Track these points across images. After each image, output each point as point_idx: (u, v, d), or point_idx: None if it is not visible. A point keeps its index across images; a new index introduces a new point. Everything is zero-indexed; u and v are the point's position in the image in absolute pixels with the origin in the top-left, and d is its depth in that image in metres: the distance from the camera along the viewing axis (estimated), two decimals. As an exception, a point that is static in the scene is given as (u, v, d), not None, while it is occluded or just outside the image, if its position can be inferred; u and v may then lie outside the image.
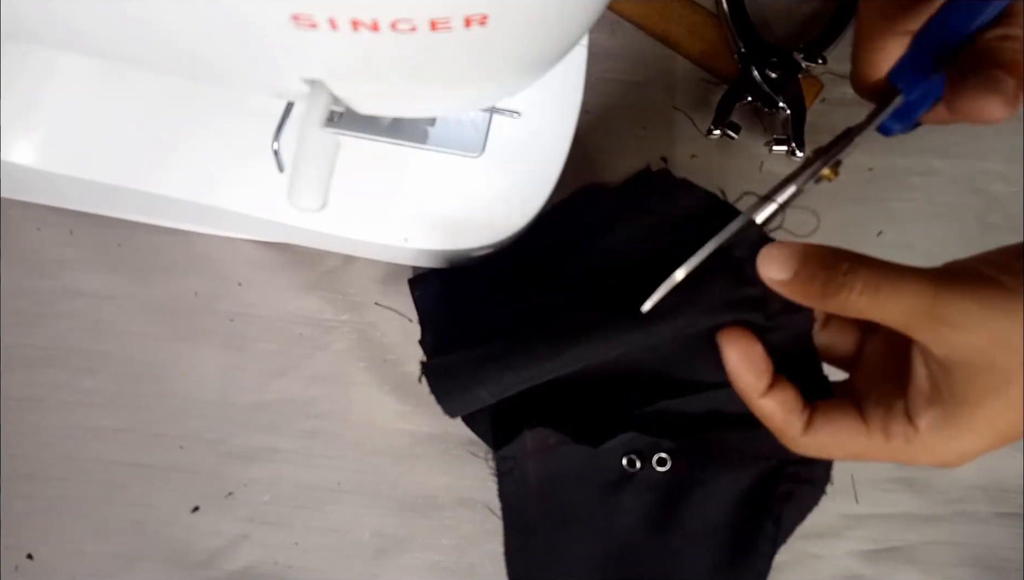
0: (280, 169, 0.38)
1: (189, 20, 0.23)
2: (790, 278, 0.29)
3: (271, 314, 0.47)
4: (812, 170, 0.32)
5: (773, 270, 0.29)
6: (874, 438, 0.29)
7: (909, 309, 0.27)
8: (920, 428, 0.28)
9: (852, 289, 0.27)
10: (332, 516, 0.45)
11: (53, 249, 0.47)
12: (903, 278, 0.27)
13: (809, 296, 0.29)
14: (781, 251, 0.29)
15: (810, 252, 0.29)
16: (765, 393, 0.31)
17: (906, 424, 0.29)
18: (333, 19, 0.21)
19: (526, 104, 0.41)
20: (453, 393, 0.37)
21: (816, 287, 0.28)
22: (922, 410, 0.28)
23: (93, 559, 0.44)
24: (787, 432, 0.31)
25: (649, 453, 0.41)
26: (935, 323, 0.26)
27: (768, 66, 0.48)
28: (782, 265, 0.29)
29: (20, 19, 0.25)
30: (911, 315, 0.27)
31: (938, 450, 0.28)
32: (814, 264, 0.28)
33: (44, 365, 0.46)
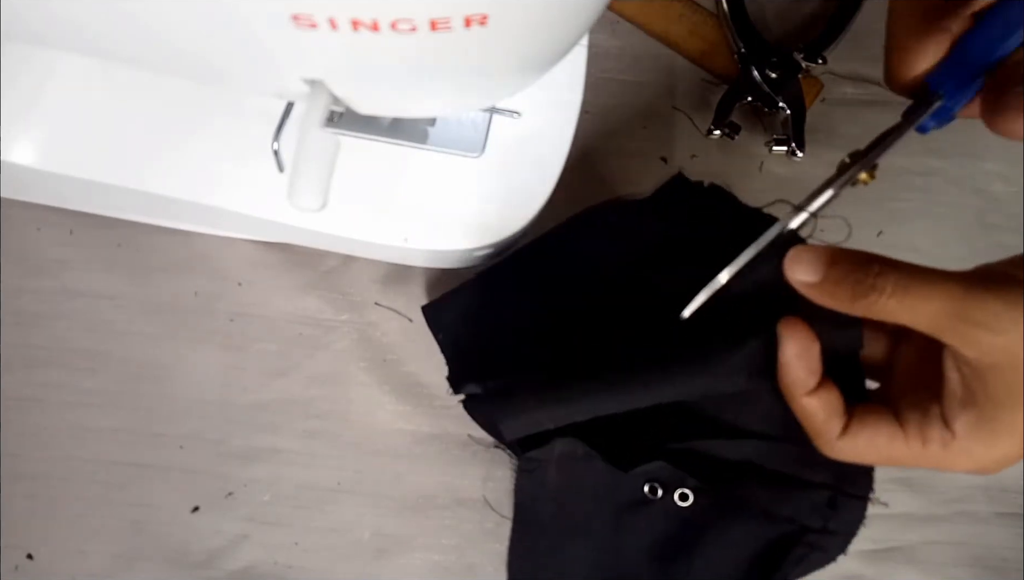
0: (280, 169, 0.38)
1: (189, 20, 0.23)
2: (819, 281, 0.29)
3: (271, 314, 0.47)
4: (850, 174, 0.32)
5: (800, 272, 0.29)
6: (911, 443, 0.29)
7: (939, 312, 0.26)
8: (957, 432, 0.28)
9: (882, 291, 0.27)
10: (332, 516, 0.45)
11: (53, 249, 0.47)
12: (933, 281, 0.27)
13: (838, 299, 0.29)
14: (809, 254, 0.29)
15: (838, 255, 0.29)
16: (812, 392, 0.30)
17: (943, 429, 0.28)
18: (333, 19, 0.21)
19: (526, 104, 0.41)
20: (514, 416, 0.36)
21: (846, 290, 0.28)
22: (958, 414, 0.28)
23: (93, 559, 0.44)
24: (824, 434, 0.31)
25: (673, 485, 0.40)
26: (965, 325, 0.26)
27: (768, 66, 0.48)
28: (810, 268, 0.29)
29: (20, 19, 0.25)
30: (941, 318, 0.27)
31: (977, 454, 0.28)
32: (843, 267, 0.28)
33: (44, 365, 0.46)
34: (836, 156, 0.48)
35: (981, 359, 0.27)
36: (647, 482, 0.40)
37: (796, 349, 0.30)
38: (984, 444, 0.28)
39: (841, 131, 0.50)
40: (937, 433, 0.28)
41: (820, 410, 0.30)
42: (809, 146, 0.47)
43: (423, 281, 0.47)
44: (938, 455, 0.29)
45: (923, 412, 0.29)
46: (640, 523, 0.41)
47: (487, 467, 0.46)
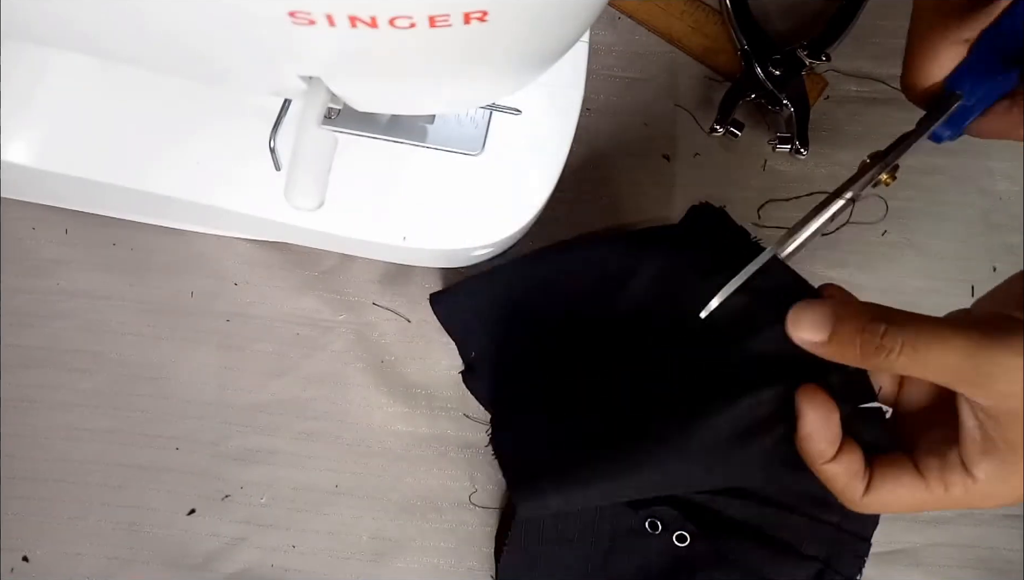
0: (277, 167, 0.38)
1: (187, 18, 0.23)
2: (825, 341, 0.29)
3: (268, 314, 0.46)
4: (869, 176, 0.32)
5: (805, 332, 0.29)
6: (933, 491, 0.29)
7: (950, 366, 0.26)
8: (978, 478, 0.28)
9: (891, 351, 0.27)
10: (330, 518, 0.45)
11: (49, 249, 0.47)
12: (940, 336, 0.26)
13: (848, 357, 0.28)
14: (813, 313, 0.29)
15: (844, 314, 0.28)
16: (832, 459, 0.30)
17: (964, 474, 0.28)
18: (331, 15, 0.21)
19: (527, 102, 0.41)
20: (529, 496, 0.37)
21: (853, 350, 0.28)
22: (978, 460, 0.28)
23: (89, 561, 0.44)
24: (847, 495, 0.31)
25: (674, 526, 0.41)
26: (978, 378, 0.26)
27: (771, 63, 0.47)
28: (815, 328, 0.29)
29: (16, 17, 0.25)
30: (952, 372, 0.27)
31: (999, 495, 0.28)
32: (849, 327, 0.28)
33: (40, 366, 0.46)
34: (840, 154, 0.49)
35: (997, 406, 0.26)
36: (649, 518, 0.41)
37: (815, 419, 0.30)
38: (1006, 486, 0.28)
39: (845, 129, 0.49)
40: (959, 478, 0.28)
41: (842, 475, 0.30)
42: (813, 144, 0.47)
43: (422, 281, 0.47)
44: (961, 498, 0.29)
45: (942, 459, 0.29)
46: (634, 550, 0.41)
47: (486, 469, 0.45)
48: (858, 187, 0.32)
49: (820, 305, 0.29)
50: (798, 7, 0.51)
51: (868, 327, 0.27)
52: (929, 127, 0.32)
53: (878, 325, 0.27)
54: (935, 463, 0.29)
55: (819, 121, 0.49)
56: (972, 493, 0.28)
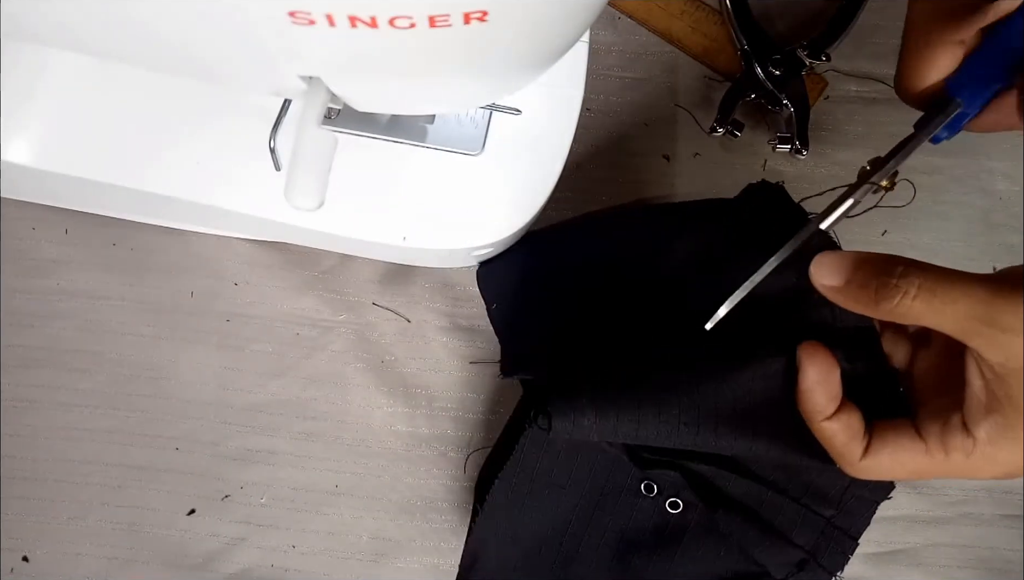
0: (277, 167, 0.38)
1: (186, 18, 0.23)
2: (843, 284, 0.29)
3: (268, 314, 0.46)
4: (870, 182, 0.32)
5: (825, 277, 0.29)
6: (933, 455, 0.29)
7: (964, 314, 0.26)
8: (979, 439, 0.28)
9: (906, 293, 0.27)
10: (330, 519, 0.45)
11: (48, 249, 0.47)
12: (958, 283, 0.27)
13: (863, 302, 0.29)
14: (833, 258, 0.29)
15: (863, 257, 0.29)
16: (831, 417, 0.30)
17: (964, 436, 0.28)
18: (331, 15, 0.21)
19: (527, 102, 0.41)
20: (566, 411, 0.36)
21: (870, 292, 0.28)
22: (980, 420, 0.28)
23: (89, 562, 0.44)
24: (846, 456, 0.31)
25: (668, 492, 0.42)
26: (990, 329, 0.26)
27: (771, 63, 0.47)
28: (834, 271, 0.29)
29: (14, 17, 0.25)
30: (966, 320, 0.26)
31: (1000, 459, 0.28)
32: (868, 269, 0.28)
33: (39, 366, 0.46)
34: (840, 154, 0.49)
35: (1006, 364, 0.26)
36: (645, 479, 0.41)
37: (816, 376, 0.31)
38: (1008, 450, 0.28)
39: (845, 129, 0.49)
40: (959, 441, 0.28)
41: (840, 433, 0.30)
42: (813, 144, 0.47)
43: (422, 281, 0.47)
44: (961, 464, 0.29)
45: (944, 422, 0.29)
46: (623, 508, 0.42)
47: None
48: (859, 194, 0.32)
49: (840, 252, 0.30)
50: (798, 7, 0.51)
51: (886, 268, 0.28)
52: (929, 133, 0.32)
53: (895, 265, 0.27)
54: (936, 427, 0.29)
55: (819, 121, 0.49)
56: (973, 457, 0.28)
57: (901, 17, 0.50)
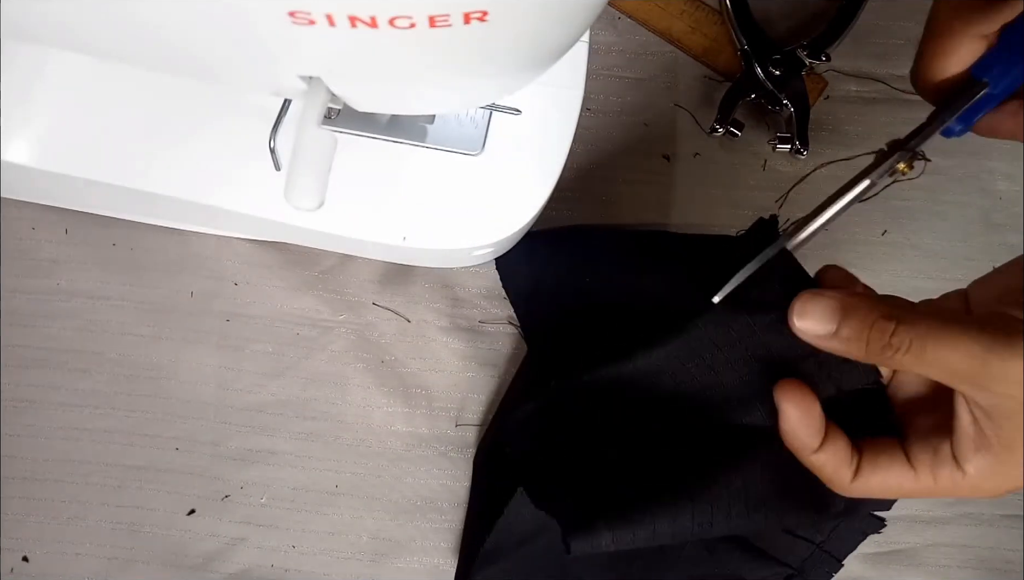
0: (277, 167, 0.38)
1: (185, 18, 0.23)
2: (830, 335, 0.28)
3: (268, 314, 0.46)
4: (888, 164, 0.32)
5: (810, 324, 0.29)
6: (922, 481, 0.29)
7: (955, 368, 0.26)
8: (968, 473, 0.28)
9: (897, 349, 0.27)
10: (330, 519, 0.45)
11: (48, 249, 0.47)
12: (949, 340, 0.26)
13: (851, 352, 0.28)
14: (819, 304, 0.29)
15: (852, 307, 0.28)
16: (817, 450, 0.30)
17: (954, 469, 0.28)
18: (331, 15, 0.21)
19: (527, 101, 0.41)
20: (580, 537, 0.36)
21: (859, 345, 0.28)
22: (970, 456, 0.28)
23: (89, 562, 0.44)
24: (835, 482, 0.31)
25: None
26: (980, 380, 0.26)
27: (771, 63, 0.47)
28: (821, 320, 0.29)
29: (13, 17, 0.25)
30: (956, 375, 0.27)
31: (985, 489, 0.28)
32: (858, 322, 0.28)
33: (39, 366, 0.46)
34: (840, 154, 0.49)
35: (996, 406, 0.26)
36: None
37: (796, 413, 0.30)
38: (993, 483, 0.28)
39: (845, 129, 0.49)
40: (948, 473, 0.29)
41: (827, 464, 0.30)
42: (813, 144, 0.47)
43: (422, 281, 0.47)
44: (948, 490, 0.29)
45: (934, 451, 0.29)
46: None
47: (487, 469, 0.45)
48: (876, 174, 0.32)
49: (827, 297, 0.29)
50: (798, 7, 0.51)
51: (877, 325, 0.27)
52: (952, 115, 0.32)
53: (888, 324, 0.27)
54: (926, 457, 0.29)
55: (819, 121, 0.49)
56: (960, 486, 0.28)
57: (901, 17, 0.50)
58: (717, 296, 0.33)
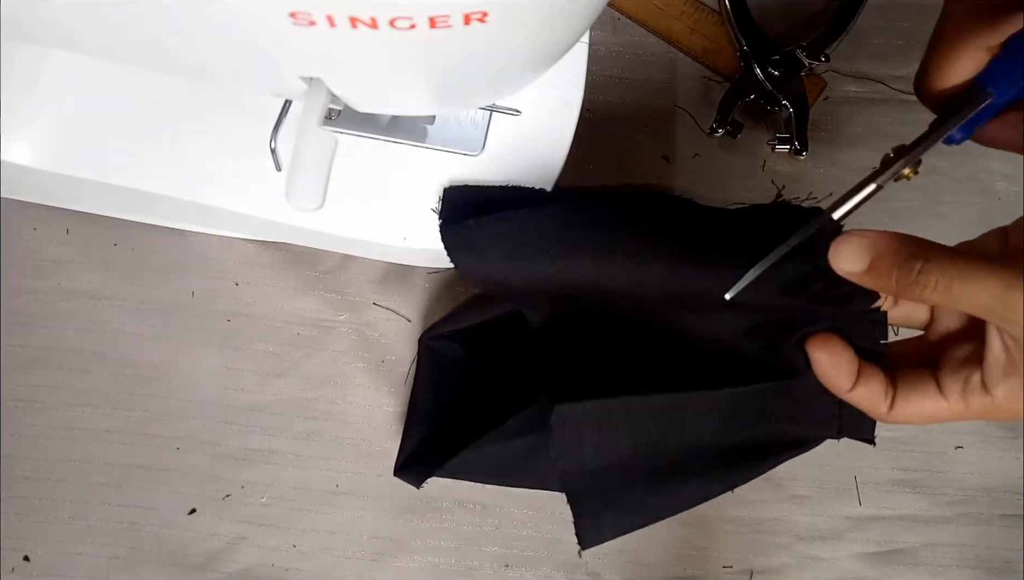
0: (278, 168, 0.38)
1: (186, 20, 0.23)
2: (863, 271, 0.30)
3: (269, 314, 0.47)
4: (894, 169, 0.32)
5: (845, 262, 0.31)
6: (954, 408, 0.31)
7: (983, 303, 0.28)
8: (996, 397, 0.30)
9: (925, 286, 0.28)
10: (330, 518, 0.45)
11: (49, 249, 0.47)
12: (976, 277, 0.28)
13: (883, 288, 0.31)
14: (853, 244, 0.30)
15: (883, 246, 0.30)
16: (852, 389, 0.33)
17: (983, 394, 0.30)
18: (331, 16, 0.21)
19: (526, 102, 0.41)
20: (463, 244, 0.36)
21: (890, 281, 0.29)
22: (999, 380, 0.30)
23: (90, 561, 0.44)
24: (873, 413, 0.33)
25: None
26: (1008, 313, 0.27)
27: (770, 64, 0.47)
28: (855, 258, 0.30)
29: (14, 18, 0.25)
30: (984, 309, 0.28)
31: (1011, 411, 0.30)
32: (887, 260, 0.30)
33: (40, 366, 0.46)
34: (839, 154, 0.49)
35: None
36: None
37: (827, 361, 0.33)
38: (1020, 405, 0.30)
39: (844, 129, 0.49)
40: (977, 399, 0.30)
41: (863, 400, 0.33)
42: (812, 145, 0.47)
43: (422, 281, 0.47)
44: (979, 414, 0.31)
45: (965, 382, 0.31)
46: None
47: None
48: (883, 179, 0.32)
49: (860, 237, 0.31)
50: (797, 8, 0.51)
51: (904, 263, 0.29)
52: (957, 121, 0.32)
53: (915, 262, 0.29)
54: (957, 386, 0.31)
55: (818, 122, 0.49)
56: (988, 409, 0.30)
57: (900, 18, 0.50)
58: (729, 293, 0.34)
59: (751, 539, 0.45)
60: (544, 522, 0.45)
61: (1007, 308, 0.27)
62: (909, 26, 0.50)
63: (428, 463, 0.42)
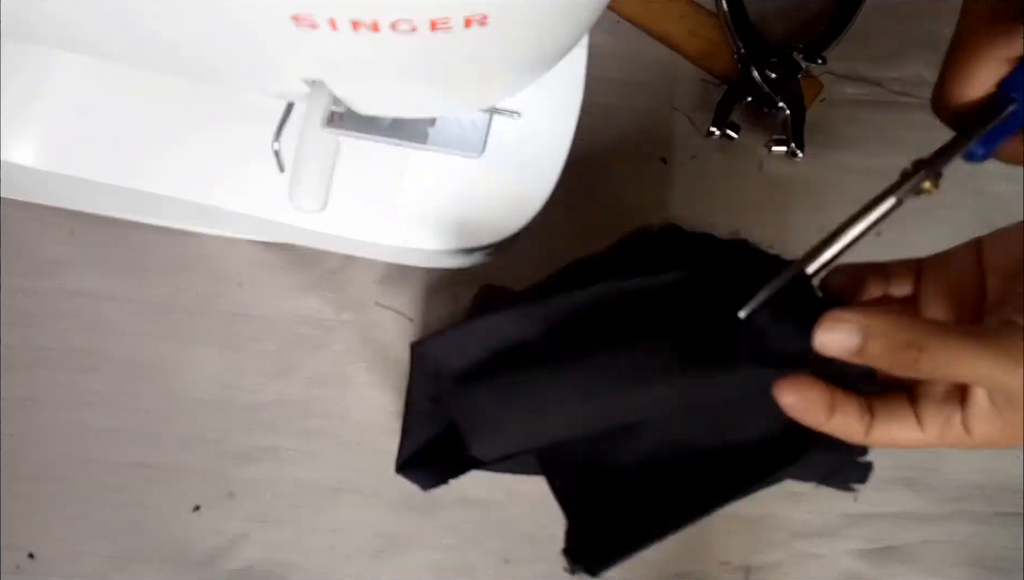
0: (281, 169, 0.38)
1: (189, 22, 0.23)
2: (855, 352, 0.29)
3: (271, 314, 0.47)
4: (914, 182, 0.32)
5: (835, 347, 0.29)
6: (930, 438, 0.30)
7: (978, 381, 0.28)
8: (975, 436, 0.29)
9: (920, 371, 0.28)
10: (332, 516, 0.45)
11: (52, 249, 0.47)
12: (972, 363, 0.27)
13: (876, 367, 0.29)
14: (842, 329, 0.29)
15: (875, 330, 0.28)
16: (827, 421, 0.31)
17: (963, 433, 0.29)
18: (333, 19, 0.21)
19: (526, 104, 0.41)
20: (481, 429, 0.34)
21: (883, 363, 0.28)
22: (980, 426, 0.29)
23: (93, 559, 0.44)
24: (851, 439, 0.32)
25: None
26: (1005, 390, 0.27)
27: (768, 66, 0.48)
28: (845, 341, 0.29)
29: (16, 18, 0.25)
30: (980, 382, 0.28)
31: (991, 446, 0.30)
32: (881, 345, 0.28)
33: (43, 365, 0.46)
34: (837, 156, 0.49)
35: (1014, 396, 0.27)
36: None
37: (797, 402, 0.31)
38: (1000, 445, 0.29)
39: (841, 131, 0.50)
40: (957, 436, 0.30)
41: (840, 428, 0.31)
42: (809, 146, 0.47)
43: (423, 281, 0.47)
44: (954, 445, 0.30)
45: (946, 418, 0.30)
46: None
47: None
48: (902, 192, 0.32)
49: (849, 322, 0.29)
50: (794, 11, 0.51)
51: (901, 353, 0.28)
52: (980, 132, 0.31)
53: (911, 351, 0.28)
54: (937, 422, 0.30)
55: (815, 123, 0.49)
56: (965, 441, 0.30)
57: (897, 20, 0.51)
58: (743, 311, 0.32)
59: (748, 536, 0.45)
60: (544, 518, 0.45)
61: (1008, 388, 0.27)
62: (906, 28, 0.50)
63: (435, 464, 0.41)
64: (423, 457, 0.42)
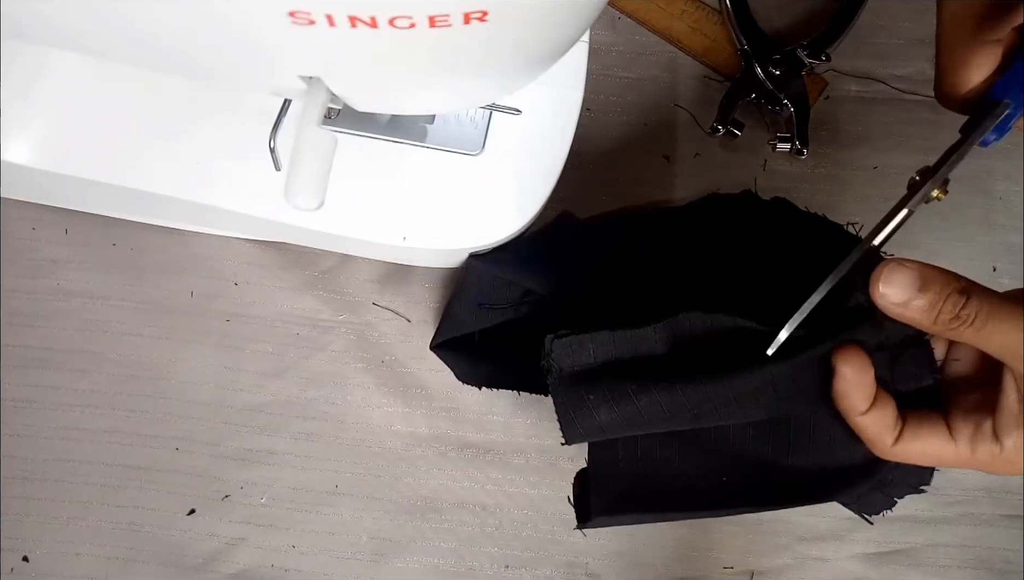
0: (277, 167, 0.38)
1: (185, 19, 0.23)
2: (905, 302, 0.29)
3: (268, 314, 0.46)
4: (923, 192, 0.32)
5: (891, 294, 0.30)
6: (960, 452, 0.31)
7: (1009, 347, 0.28)
8: (1006, 447, 0.29)
9: (964, 321, 0.28)
10: (329, 519, 0.45)
11: (48, 249, 0.47)
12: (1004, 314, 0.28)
13: (920, 321, 0.30)
14: (901, 274, 0.30)
15: (928, 279, 0.29)
16: (865, 412, 0.32)
17: (993, 442, 0.30)
18: (331, 16, 0.21)
19: (526, 101, 0.41)
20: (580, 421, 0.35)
21: (931, 314, 0.29)
22: (1011, 431, 0.29)
23: (89, 562, 0.44)
24: (876, 444, 0.32)
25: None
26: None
27: (771, 63, 0.47)
28: (902, 288, 0.30)
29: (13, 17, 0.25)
30: (1007, 348, 0.28)
31: (1017, 464, 0.30)
32: (932, 293, 0.29)
33: (39, 366, 0.46)
34: (840, 154, 0.49)
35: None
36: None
37: (851, 377, 0.32)
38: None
39: (845, 129, 0.49)
40: (987, 447, 0.30)
41: (872, 427, 0.32)
42: (813, 144, 0.47)
43: (422, 281, 0.47)
44: (984, 463, 0.30)
45: (976, 425, 0.30)
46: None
47: (485, 469, 0.45)
48: (913, 203, 0.32)
49: (909, 268, 0.30)
50: (798, 7, 0.51)
51: (952, 297, 0.29)
52: (979, 136, 0.31)
53: (961, 297, 0.29)
54: (968, 430, 0.31)
55: (819, 121, 0.49)
56: (996, 459, 0.30)
57: (901, 17, 0.50)
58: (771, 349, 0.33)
59: (752, 540, 0.45)
60: (544, 523, 0.45)
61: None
62: (910, 25, 0.50)
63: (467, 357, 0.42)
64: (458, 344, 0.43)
